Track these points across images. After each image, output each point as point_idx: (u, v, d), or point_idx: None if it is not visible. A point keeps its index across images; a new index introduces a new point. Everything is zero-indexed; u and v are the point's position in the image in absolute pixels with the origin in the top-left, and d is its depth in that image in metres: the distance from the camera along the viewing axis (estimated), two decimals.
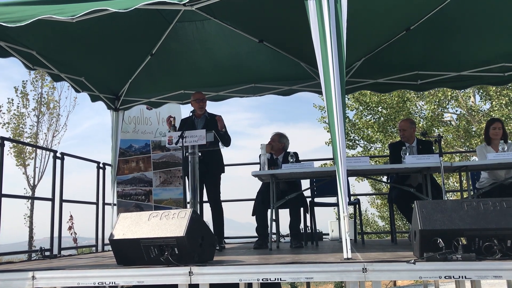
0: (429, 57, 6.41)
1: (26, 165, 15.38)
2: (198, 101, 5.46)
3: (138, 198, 7.34)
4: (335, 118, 3.32)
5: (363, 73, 6.66)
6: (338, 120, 3.32)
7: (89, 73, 6.33)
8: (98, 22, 4.34)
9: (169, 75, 6.84)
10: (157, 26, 5.95)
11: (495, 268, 2.85)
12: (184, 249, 3.32)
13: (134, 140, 7.52)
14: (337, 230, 6.85)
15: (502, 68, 6.45)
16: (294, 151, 5.33)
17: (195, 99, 5.51)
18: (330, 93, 3.35)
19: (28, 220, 14.90)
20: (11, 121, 15.66)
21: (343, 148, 3.31)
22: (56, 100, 16.43)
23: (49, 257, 5.26)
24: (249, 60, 6.51)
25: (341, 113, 3.33)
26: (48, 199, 5.83)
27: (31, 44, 5.33)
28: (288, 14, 5.18)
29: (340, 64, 3.38)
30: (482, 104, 15.97)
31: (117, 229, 3.62)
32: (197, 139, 4.62)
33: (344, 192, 3.25)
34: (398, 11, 5.37)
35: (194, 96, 5.55)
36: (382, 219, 19.56)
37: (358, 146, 16.72)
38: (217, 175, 5.51)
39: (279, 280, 3.09)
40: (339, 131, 3.31)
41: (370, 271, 2.96)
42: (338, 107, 3.33)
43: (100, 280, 3.29)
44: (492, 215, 3.06)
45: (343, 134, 3.34)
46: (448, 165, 4.58)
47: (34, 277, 3.36)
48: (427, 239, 3.06)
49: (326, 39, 3.39)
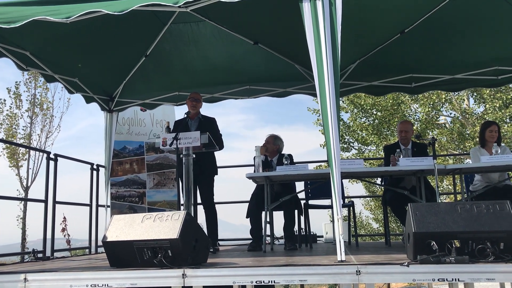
0: (424, 60, 6.44)
1: (19, 166, 15.29)
2: (191, 100, 5.46)
3: (131, 200, 7.31)
4: (329, 120, 3.32)
5: (358, 75, 6.67)
6: (332, 122, 3.32)
7: (83, 74, 6.31)
8: (93, 23, 4.32)
9: (163, 76, 6.83)
10: (151, 28, 5.94)
11: (488, 271, 2.86)
12: (177, 251, 3.31)
13: (128, 142, 7.49)
14: (331, 232, 6.84)
15: (496, 71, 6.47)
16: (288, 153, 5.33)
17: (189, 97, 5.51)
18: (325, 95, 3.35)
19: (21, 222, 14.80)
20: (4, 122, 15.58)
21: (337, 150, 3.31)
22: (50, 101, 16.36)
23: (41, 259, 5.23)
24: (243, 62, 6.51)
25: (335, 115, 3.34)
26: (41, 200, 5.79)
27: (25, 45, 5.30)
28: (283, 16, 5.19)
29: (334, 66, 3.38)
30: (476, 107, 16.06)
31: (111, 231, 3.60)
32: (191, 140, 4.60)
33: (338, 194, 3.26)
34: (393, 13, 5.39)
35: (190, 95, 5.55)
36: (376, 221, 19.58)
37: (352, 148, 16.76)
38: (211, 177, 5.51)
39: (273, 282, 3.08)
40: (333, 133, 3.31)
41: (364, 273, 2.96)
42: (333, 109, 3.33)
43: (93, 282, 3.27)
44: (485, 218, 3.08)
45: (337, 136, 3.34)
46: (442, 167, 4.60)
47: (26, 279, 3.33)
48: (420, 242, 3.07)
49: (321, 41, 3.40)
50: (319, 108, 3.42)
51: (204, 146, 4.73)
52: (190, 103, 5.45)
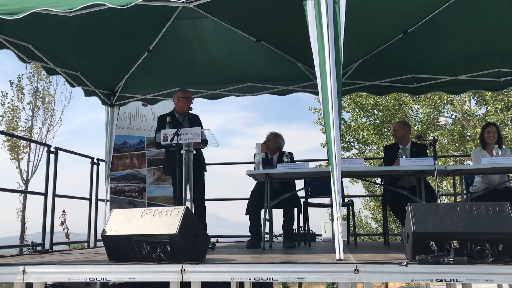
0: (426, 60, 6.43)
1: (20, 159, 15.30)
2: (189, 99, 5.34)
3: (131, 195, 7.32)
4: (331, 119, 3.32)
5: (360, 74, 6.67)
6: (333, 121, 3.31)
7: (85, 68, 6.30)
8: (96, 16, 4.32)
9: (165, 72, 6.82)
10: (154, 23, 5.93)
11: (487, 272, 2.86)
12: (176, 247, 3.31)
13: (129, 137, 7.50)
14: (330, 231, 6.85)
15: (498, 73, 6.47)
16: (289, 151, 5.33)
17: (184, 96, 5.36)
18: (326, 94, 3.35)
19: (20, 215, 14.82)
20: (5, 115, 15.59)
21: (338, 148, 3.30)
22: (52, 94, 16.37)
23: (40, 252, 5.23)
24: (246, 59, 6.51)
25: (337, 113, 3.33)
26: (41, 193, 5.79)
27: (27, 37, 5.29)
28: (286, 13, 5.18)
29: (337, 65, 3.37)
30: (477, 109, 16.05)
31: (110, 225, 3.60)
32: (192, 136, 4.59)
33: (338, 193, 3.25)
34: (396, 13, 5.38)
35: (185, 94, 5.40)
36: (375, 221, 19.60)
37: (353, 148, 16.75)
38: (203, 174, 5.46)
39: (271, 279, 3.08)
40: (334, 131, 3.31)
41: (362, 272, 2.96)
42: (334, 107, 3.33)
43: (91, 276, 3.28)
44: (484, 219, 3.07)
45: (338, 135, 3.34)
46: (442, 168, 4.60)
47: (25, 272, 3.33)
48: (419, 242, 3.07)
49: (324, 39, 3.39)
50: (321, 106, 3.42)
51: (203, 142, 4.71)
52: (187, 102, 5.30)
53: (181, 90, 5.51)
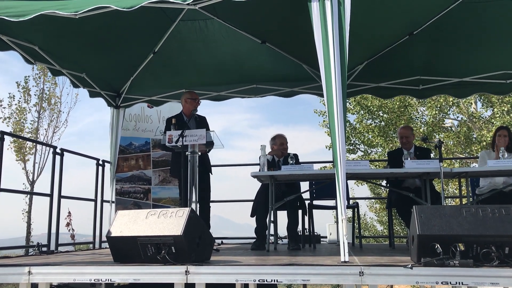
0: (432, 62, 6.40)
1: (26, 160, 15.39)
2: (196, 101, 5.40)
3: (136, 196, 7.33)
4: (336, 120, 3.31)
5: (365, 76, 6.65)
6: (338, 123, 3.31)
7: (90, 70, 6.33)
8: (101, 18, 4.33)
9: (171, 73, 6.84)
10: (160, 24, 5.94)
11: (492, 275, 2.85)
12: (181, 248, 3.31)
13: (134, 138, 7.52)
14: (335, 233, 6.84)
15: (504, 75, 6.44)
16: (294, 153, 5.32)
17: (192, 97, 5.43)
18: (332, 96, 3.34)
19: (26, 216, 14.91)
20: (12, 116, 15.67)
21: (343, 150, 3.30)
22: (58, 96, 16.45)
23: (46, 253, 5.25)
24: (251, 60, 6.51)
25: (342, 115, 3.33)
26: (46, 194, 5.82)
27: (33, 39, 5.32)
28: (291, 15, 5.18)
29: (342, 67, 3.37)
30: (483, 111, 15.97)
31: (115, 226, 3.61)
32: (197, 138, 4.60)
33: (343, 195, 3.25)
34: (402, 15, 5.37)
35: (192, 95, 5.47)
36: (380, 223, 19.55)
37: (358, 150, 16.73)
38: (209, 176, 5.47)
39: (276, 281, 3.08)
40: (339, 133, 3.30)
41: (367, 274, 2.95)
42: (339, 109, 3.32)
43: (96, 277, 3.28)
44: (490, 222, 3.06)
45: (344, 136, 3.33)
46: (448, 170, 4.57)
47: (30, 272, 3.34)
48: (425, 244, 3.05)
49: (329, 41, 3.39)
50: (326, 108, 3.41)
51: (208, 144, 4.72)
52: (194, 103, 5.37)
53: (188, 92, 5.56)
